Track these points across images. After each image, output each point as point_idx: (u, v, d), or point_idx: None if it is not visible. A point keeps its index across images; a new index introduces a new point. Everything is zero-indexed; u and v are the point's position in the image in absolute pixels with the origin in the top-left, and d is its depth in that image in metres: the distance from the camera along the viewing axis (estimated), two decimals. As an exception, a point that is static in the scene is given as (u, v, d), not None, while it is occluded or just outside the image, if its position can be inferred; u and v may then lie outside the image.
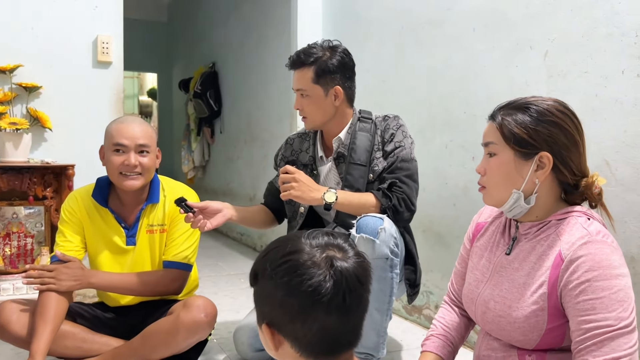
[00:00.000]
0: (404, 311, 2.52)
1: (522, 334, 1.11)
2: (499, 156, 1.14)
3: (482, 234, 1.30)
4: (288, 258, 0.79)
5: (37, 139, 2.53)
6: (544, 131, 1.09)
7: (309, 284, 0.76)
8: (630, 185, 1.55)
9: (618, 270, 1.01)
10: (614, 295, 0.99)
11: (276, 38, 3.77)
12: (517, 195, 1.12)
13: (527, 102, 1.13)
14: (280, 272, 0.78)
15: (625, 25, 1.56)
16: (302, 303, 0.77)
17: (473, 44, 2.12)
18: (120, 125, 1.68)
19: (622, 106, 1.57)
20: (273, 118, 3.91)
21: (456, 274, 1.39)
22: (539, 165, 1.10)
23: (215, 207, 1.69)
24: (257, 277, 0.84)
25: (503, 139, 1.12)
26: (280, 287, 0.78)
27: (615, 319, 0.99)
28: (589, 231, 1.06)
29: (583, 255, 1.03)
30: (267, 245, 0.87)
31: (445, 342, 1.31)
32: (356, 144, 1.79)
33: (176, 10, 6.78)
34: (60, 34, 2.59)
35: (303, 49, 1.77)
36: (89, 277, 1.67)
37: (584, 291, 1.01)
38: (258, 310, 0.85)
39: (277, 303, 0.79)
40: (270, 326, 0.81)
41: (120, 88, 2.73)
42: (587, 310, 1.01)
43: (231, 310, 2.58)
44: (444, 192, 2.26)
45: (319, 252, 0.79)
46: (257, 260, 0.85)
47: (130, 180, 1.67)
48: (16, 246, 2.50)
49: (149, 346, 1.64)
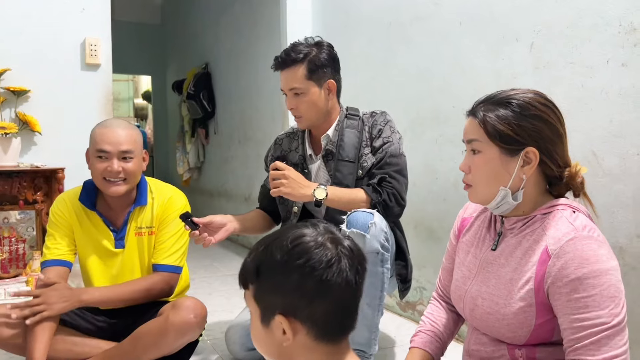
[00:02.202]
0: (397, 307, 2.51)
1: (511, 330, 1.10)
2: (484, 153, 1.11)
3: (467, 229, 1.29)
4: (297, 242, 0.81)
5: (26, 143, 2.52)
6: (529, 126, 1.07)
7: (325, 260, 0.79)
8: (617, 175, 1.54)
9: (607, 265, 1.00)
10: (605, 291, 0.98)
11: (267, 38, 3.77)
12: (504, 193, 1.11)
13: (508, 96, 1.11)
14: (294, 256, 0.80)
15: (609, 15, 1.55)
16: (319, 282, 0.79)
17: (460, 38, 2.11)
18: (104, 130, 1.66)
19: (608, 96, 1.57)
20: (266, 117, 3.90)
21: (444, 269, 1.38)
22: (525, 161, 1.08)
23: (219, 221, 1.70)
24: (260, 272, 0.83)
25: (487, 136, 1.09)
26: (295, 270, 0.79)
27: (608, 316, 0.98)
28: (575, 226, 1.04)
29: (570, 251, 1.01)
30: (259, 242, 0.86)
31: (433, 337, 1.31)
32: (344, 141, 1.79)
33: (169, 12, 6.77)
34: (47, 37, 2.58)
35: (289, 48, 1.77)
36: (79, 295, 1.63)
37: (576, 289, 1.00)
38: (264, 305, 0.84)
39: (292, 288, 0.80)
40: (286, 315, 0.81)
41: (109, 90, 2.72)
42: (579, 308, 0.99)
43: (225, 310, 2.57)
44: (434, 187, 2.25)
45: (321, 236, 0.82)
46: (255, 256, 0.85)
47: (114, 186, 1.66)
48: (8, 251, 2.49)
49: (140, 348, 1.63)
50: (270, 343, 0.85)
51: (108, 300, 1.67)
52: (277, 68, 1.79)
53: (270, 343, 0.85)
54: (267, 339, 0.85)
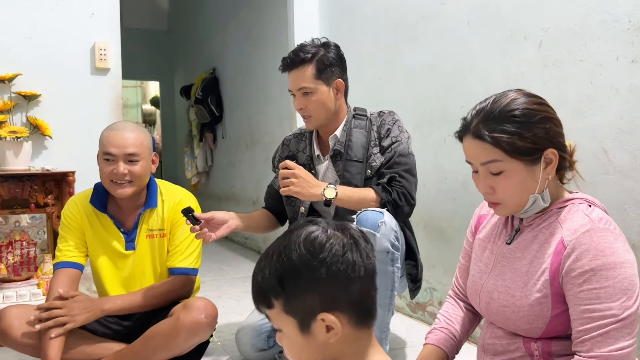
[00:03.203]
0: (407, 308, 2.50)
1: (528, 322, 1.10)
2: (508, 172, 1.08)
3: (484, 226, 1.29)
4: (311, 239, 0.82)
5: (37, 146, 2.54)
6: (541, 131, 1.06)
7: (343, 244, 0.82)
8: (628, 172, 1.54)
9: (622, 258, 1.00)
10: (619, 284, 0.98)
11: (274, 41, 3.78)
12: (534, 199, 1.10)
13: (506, 110, 1.07)
14: (315, 252, 0.81)
15: (618, 12, 1.55)
16: (347, 265, 0.82)
17: (467, 38, 2.11)
18: (111, 133, 1.68)
19: (618, 93, 1.56)
20: (273, 120, 3.92)
21: (460, 268, 1.38)
22: (547, 162, 1.08)
23: (221, 217, 1.68)
24: (284, 282, 0.81)
25: (508, 155, 1.06)
26: (322, 264, 0.80)
27: (619, 309, 0.98)
28: (591, 218, 1.04)
29: (586, 243, 1.01)
30: (265, 259, 0.84)
31: (447, 335, 1.30)
32: (352, 141, 1.79)
33: (176, 18, 6.82)
34: (58, 42, 2.60)
35: (297, 49, 1.77)
36: (101, 305, 1.65)
37: (588, 280, 1.00)
38: (300, 313, 0.82)
39: (325, 282, 0.81)
40: (327, 310, 0.81)
41: (118, 94, 2.74)
42: (590, 299, 1.00)
43: (234, 312, 2.58)
44: (443, 186, 2.25)
45: (328, 228, 0.84)
46: (272, 271, 0.82)
47: (120, 188, 1.67)
48: (19, 254, 2.51)
49: (151, 348, 1.64)
50: (314, 349, 0.84)
51: (129, 307, 1.69)
52: (285, 69, 1.79)
53: (314, 349, 0.84)
54: (309, 347, 0.84)
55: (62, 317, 1.57)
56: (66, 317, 1.58)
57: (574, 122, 1.66)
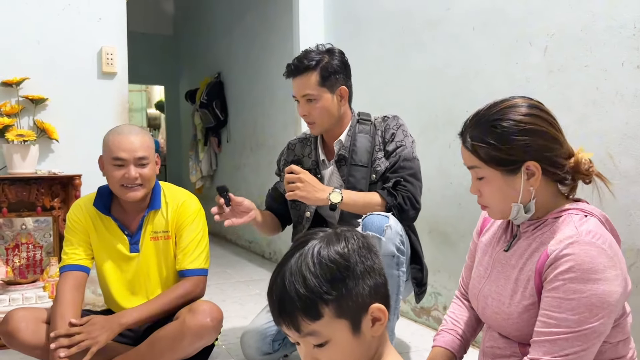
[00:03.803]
0: (412, 313, 2.50)
1: (517, 329, 1.11)
2: (487, 179, 1.11)
3: (487, 228, 1.31)
4: (346, 235, 0.86)
5: (44, 150, 2.55)
6: (520, 143, 1.06)
7: (364, 236, 0.89)
8: (633, 177, 1.54)
9: (600, 275, 0.98)
10: (585, 299, 0.97)
11: (279, 46, 3.80)
12: (517, 208, 1.11)
13: (493, 119, 1.09)
14: (352, 247, 0.85)
15: (624, 18, 1.55)
16: (377, 255, 0.88)
17: (473, 43, 2.12)
18: (118, 138, 1.68)
19: (623, 98, 1.56)
20: (278, 125, 3.93)
21: (466, 268, 1.39)
22: (529, 174, 1.08)
23: (247, 205, 1.74)
24: (335, 283, 0.81)
25: (484, 163, 1.09)
26: (362, 258, 0.84)
27: (576, 322, 0.97)
28: (578, 231, 1.03)
29: (567, 254, 1.01)
30: (303, 262, 0.83)
31: (454, 336, 1.32)
32: (357, 146, 1.80)
33: (181, 23, 6.85)
34: (65, 46, 2.62)
35: (301, 56, 1.78)
36: (118, 320, 1.63)
37: (556, 288, 1.00)
38: (352, 311, 0.82)
39: (371, 269, 0.85)
40: (377, 300, 0.84)
41: (125, 98, 2.75)
42: (552, 306, 1.00)
43: (239, 316, 2.58)
44: (448, 191, 2.25)
45: (336, 230, 0.89)
46: (325, 269, 0.81)
47: (132, 192, 1.68)
48: (25, 257, 2.52)
49: (156, 351, 1.64)
50: (363, 350, 0.86)
51: (147, 317, 1.67)
52: (289, 75, 1.80)
53: (363, 350, 0.86)
54: (361, 348, 0.85)
55: (85, 342, 1.56)
56: (88, 340, 1.56)
57: (579, 127, 1.66)
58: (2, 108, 2.45)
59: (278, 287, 0.83)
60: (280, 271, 0.84)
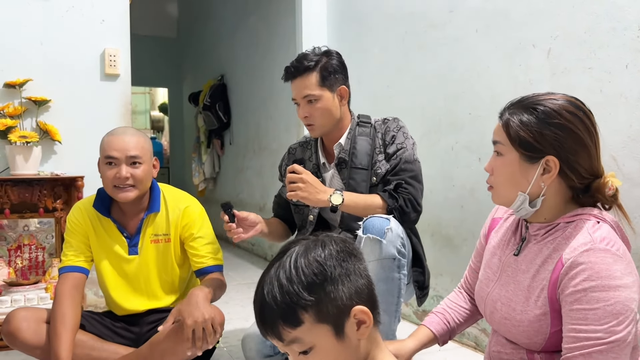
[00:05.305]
0: (414, 316, 2.49)
1: (527, 337, 1.10)
2: (505, 157, 1.11)
3: (496, 230, 1.29)
4: (324, 240, 0.87)
5: (46, 151, 2.56)
6: (551, 135, 1.05)
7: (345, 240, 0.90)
8: (637, 180, 1.53)
9: (618, 282, 0.97)
10: (609, 307, 0.96)
11: (282, 49, 3.80)
12: (522, 198, 1.10)
13: (537, 101, 1.08)
14: (339, 249, 0.86)
15: (627, 19, 1.55)
16: (359, 258, 0.89)
17: (476, 45, 2.11)
18: (112, 138, 1.68)
19: (627, 101, 1.55)
20: (281, 127, 3.93)
21: (470, 268, 1.40)
22: (545, 169, 1.07)
23: (253, 219, 1.73)
24: (312, 288, 0.81)
25: (509, 140, 1.09)
26: (343, 260, 0.85)
27: (605, 332, 0.96)
28: (592, 237, 1.02)
29: (583, 262, 0.99)
30: (282, 269, 0.83)
31: (441, 319, 1.34)
32: (357, 149, 1.79)
33: (185, 25, 6.87)
34: (68, 48, 2.63)
35: (299, 58, 1.78)
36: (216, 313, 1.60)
37: (579, 300, 0.99)
38: (333, 315, 0.82)
39: (351, 272, 0.85)
40: (358, 303, 0.84)
41: (128, 100, 2.76)
42: (578, 319, 0.98)
43: (240, 318, 2.58)
44: (451, 194, 2.24)
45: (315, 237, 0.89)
46: (304, 274, 0.82)
47: (123, 192, 1.67)
48: (27, 258, 2.52)
49: (157, 353, 1.63)
50: (352, 352, 0.85)
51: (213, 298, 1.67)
52: (288, 78, 1.79)
53: (352, 352, 0.85)
54: (346, 351, 0.84)
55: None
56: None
57: (582, 130, 1.65)
58: (5, 109, 2.46)
59: (259, 297, 0.85)
60: (261, 281, 0.85)
